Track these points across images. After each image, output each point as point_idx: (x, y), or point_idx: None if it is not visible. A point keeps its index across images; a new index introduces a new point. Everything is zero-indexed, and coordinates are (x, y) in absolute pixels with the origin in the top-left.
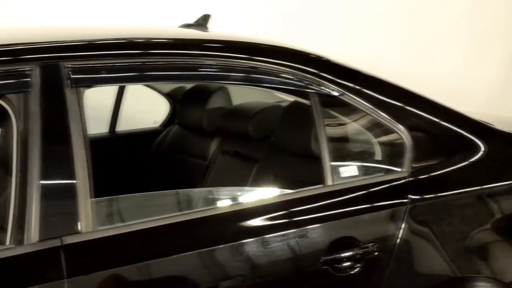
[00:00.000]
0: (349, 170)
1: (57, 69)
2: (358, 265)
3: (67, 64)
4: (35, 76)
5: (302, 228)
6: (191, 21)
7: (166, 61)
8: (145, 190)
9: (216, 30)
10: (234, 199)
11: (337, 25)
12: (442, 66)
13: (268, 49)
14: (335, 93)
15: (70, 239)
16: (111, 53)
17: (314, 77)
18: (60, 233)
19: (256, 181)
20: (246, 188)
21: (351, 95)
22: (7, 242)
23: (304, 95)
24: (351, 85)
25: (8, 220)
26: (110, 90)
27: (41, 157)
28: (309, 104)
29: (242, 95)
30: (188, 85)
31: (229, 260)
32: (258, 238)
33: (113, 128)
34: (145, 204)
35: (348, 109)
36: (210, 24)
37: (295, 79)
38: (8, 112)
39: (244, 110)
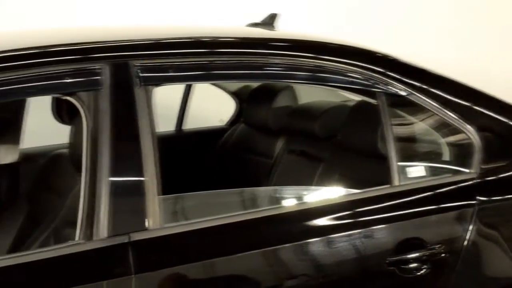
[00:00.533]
0: (416, 170)
1: (127, 67)
2: (425, 266)
3: (137, 63)
4: (105, 74)
5: (368, 228)
6: (258, 20)
7: (233, 60)
8: (211, 188)
9: (283, 29)
10: (299, 198)
11: (401, 24)
12: (509, 64)
13: (335, 48)
14: (403, 93)
15: (138, 236)
16: (179, 52)
17: (381, 76)
18: (128, 230)
19: (322, 181)
20: (311, 187)
21: (418, 95)
22: (77, 238)
23: (371, 95)
24: (418, 84)
25: (78, 216)
26: (177, 89)
27: (111, 155)
28: (376, 103)
29: (308, 94)
30: (255, 84)
31: (293, 259)
32: (323, 237)
33: (180, 126)
34: (211, 202)
35: (415, 109)
36: (277, 23)
37: (361, 78)
38: (79, 110)
39: (311, 109)
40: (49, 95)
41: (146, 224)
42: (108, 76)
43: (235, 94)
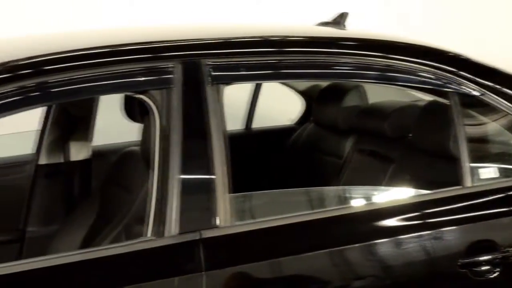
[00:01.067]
0: (489, 171)
1: (198, 66)
2: (498, 269)
3: (208, 61)
4: (177, 73)
5: (438, 229)
6: (328, 19)
7: (302, 59)
8: (280, 187)
9: (353, 28)
10: (368, 198)
11: (469, 23)
12: None
13: (405, 47)
14: (476, 93)
15: (208, 233)
16: (250, 51)
17: (453, 76)
18: (198, 227)
19: (392, 181)
20: (381, 187)
21: (492, 95)
22: (148, 234)
23: (442, 94)
24: (491, 84)
25: (149, 213)
26: (245, 87)
27: (182, 152)
28: (448, 103)
29: (378, 94)
30: (324, 83)
31: (361, 260)
32: (393, 238)
33: (249, 125)
34: (280, 201)
35: (488, 109)
36: (347, 22)
37: (433, 78)
38: (151, 107)
39: (380, 109)
40: (122, 93)
41: (217, 221)
42: (180, 74)
43: (304, 93)
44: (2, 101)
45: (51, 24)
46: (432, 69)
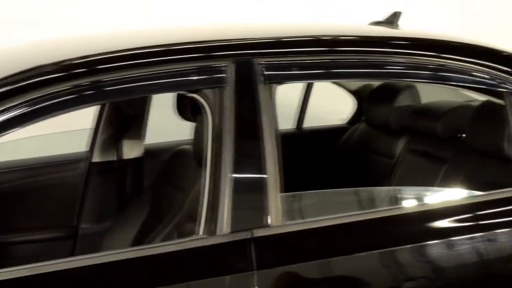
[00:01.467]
0: None
1: (251, 65)
2: None
3: (261, 61)
4: (230, 72)
5: (492, 231)
6: (381, 18)
7: (355, 59)
8: (331, 187)
9: (406, 28)
10: (420, 199)
11: None
12: None
13: (459, 47)
14: None
15: (259, 232)
16: (302, 51)
17: (508, 76)
18: (250, 226)
19: (445, 182)
20: (433, 188)
21: None
22: (200, 233)
23: (497, 94)
24: None
25: (201, 212)
26: (297, 87)
27: (234, 151)
28: (502, 103)
29: (431, 94)
30: (375, 83)
31: (412, 261)
32: (445, 240)
33: (300, 124)
34: (331, 201)
35: None
36: (401, 21)
37: (487, 77)
38: (204, 106)
39: (433, 109)
40: (174, 92)
41: (268, 220)
42: (233, 73)
43: (355, 93)
44: (56, 100)
45: (105, 23)
46: (487, 69)
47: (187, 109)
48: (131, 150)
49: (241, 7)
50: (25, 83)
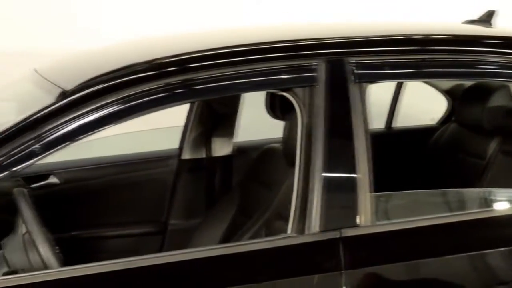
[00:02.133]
0: None
1: (342, 64)
2: None
3: (352, 60)
4: (320, 71)
5: None
6: (476, 17)
7: (447, 58)
8: (421, 188)
9: (501, 27)
10: None
11: None
12: None
13: None
14: None
15: (349, 232)
16: (393, 49)
17: None
18: (339, 225)
19: None
20: None
21: None
22: (289, 231)
23: None
24: None
25: (290, 210)
26: (387, 86)
27: (324, 150)
28: None
29: None
30: (468, 82)
31: (504, 265)
32: None
33: (389, 124)
34: (421, 201)
35: None
36: (495, 20)
37: None
38: (295, 105)
39: None
40: (265, 90)
41: (358, 220)
42: (324, 72)
43: (447, 93)
44: (148, 98)
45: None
46: None
47: (278, 107)
48: (220, 148)
49: (241, 8)
50: (118, 81)
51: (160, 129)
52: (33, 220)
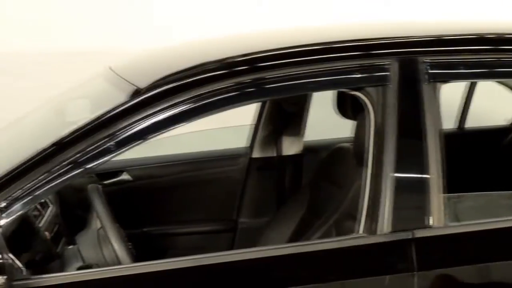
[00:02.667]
0: None
1: (415, 63)
2: None
3: (425, 59)
4: (393, 70)
5: None
6: None
7: None
8: (493, 189)
9: None
10: None
11: None
12: None
13: None
14: None
15: (420, 233)
16: (467, 49)
17: None
18: (411, 226)
19: None
20: None
21: None
22: (360, 231)
23: None
24: None
25: (361, 210)
26: (458, 85)
27: (396, 150)
28: None
29: None
30: None
31: None
32: None
33: (462, 124)
34: (494, 203)
35: None
36: None
37: None
38: (366, 105)
39: None
40: (337, 89)
41: (430, 221)
42: (396, 72)
43: None
44: (219, 97)
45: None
46: None
47: (348, 107)
48: (290, 147)
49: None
50: (190, 80)
51: (231, 128)
52: (106, 216)
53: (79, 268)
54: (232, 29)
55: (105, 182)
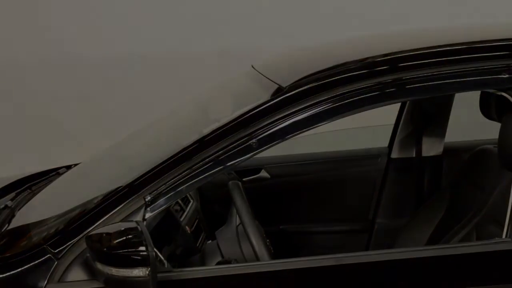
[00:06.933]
0: None
1: None
2: None
3: None
4: None
5: None
6: None
7: None
8: None
9: None
10: None
11: None
12: None
13: None
14: None
15: None
16: None
17: None
18: None
19: None
20: None
21: None
22: (504, 235)
23: None
24: None
25: (505, 214)
26: None
27: None
28: None
29: None
30: None
31: None
32: None
33: None
34: None
35: None
36: None
37: None
38: None
39: None
40: (481, 90)
41: None
42: None
43: None
44: (360, 96)
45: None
46: None
47: (492, 108)
48: (430, 148)
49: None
50: (332, 79)
51: (370, 127)
52: (246, 213)
53: (218, 263)
54: (373, 29)
55: (244, 179)
